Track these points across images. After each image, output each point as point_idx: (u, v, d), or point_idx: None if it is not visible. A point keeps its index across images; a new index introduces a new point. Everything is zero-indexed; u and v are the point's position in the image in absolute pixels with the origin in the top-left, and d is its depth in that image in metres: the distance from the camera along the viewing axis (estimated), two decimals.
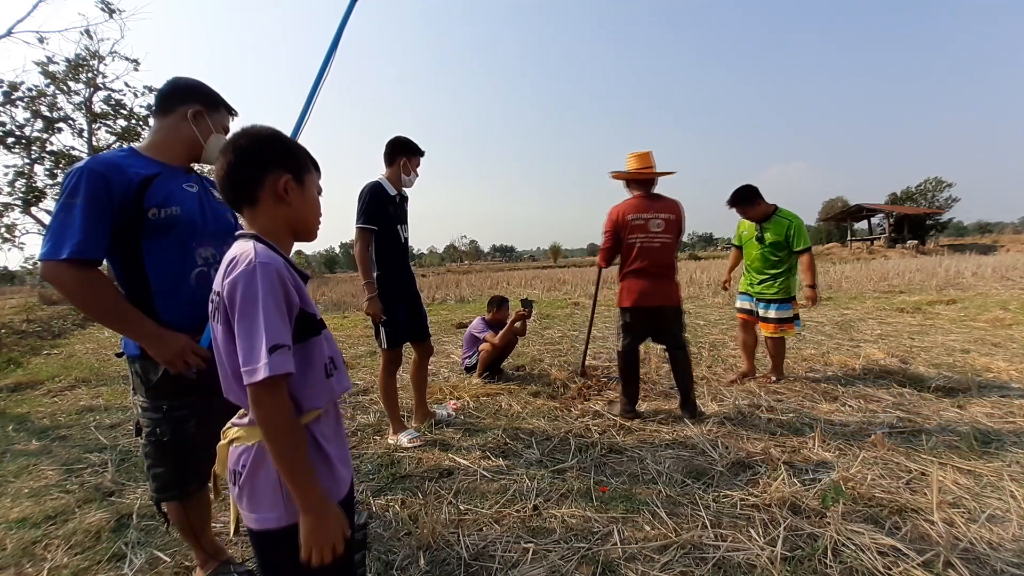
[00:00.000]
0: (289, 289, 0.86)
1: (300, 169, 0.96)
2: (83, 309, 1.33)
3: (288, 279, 0.87)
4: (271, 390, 0.81)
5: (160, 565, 1.78)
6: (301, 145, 1.01)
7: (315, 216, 1.01)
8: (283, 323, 0.83)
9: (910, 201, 46.32)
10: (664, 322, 3.08)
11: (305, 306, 0.91)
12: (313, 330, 0.93)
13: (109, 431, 3.30)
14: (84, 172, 1.28)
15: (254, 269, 0.82)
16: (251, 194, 0.92)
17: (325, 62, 1.78)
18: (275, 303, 0.82)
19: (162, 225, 1.36)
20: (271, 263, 0.84)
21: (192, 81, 1.51)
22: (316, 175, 1.02)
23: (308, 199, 0.98)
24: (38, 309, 12.24)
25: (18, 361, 6.33)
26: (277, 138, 0.96)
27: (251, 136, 0.94)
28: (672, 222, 3.02)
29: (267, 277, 0.82)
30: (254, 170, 0.92)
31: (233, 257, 0.87)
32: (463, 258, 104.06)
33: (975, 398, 3.14)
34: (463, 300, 12.46)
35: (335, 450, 0.97)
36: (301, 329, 0.90)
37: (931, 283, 10.14)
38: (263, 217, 0.94)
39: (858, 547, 1.66)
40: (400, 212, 2.84)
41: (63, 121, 14.09)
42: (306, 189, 0.98)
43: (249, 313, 0.81)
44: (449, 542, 1.81)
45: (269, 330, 0.80)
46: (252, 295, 0.81)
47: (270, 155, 0.93)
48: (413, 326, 2.89)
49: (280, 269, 0.85)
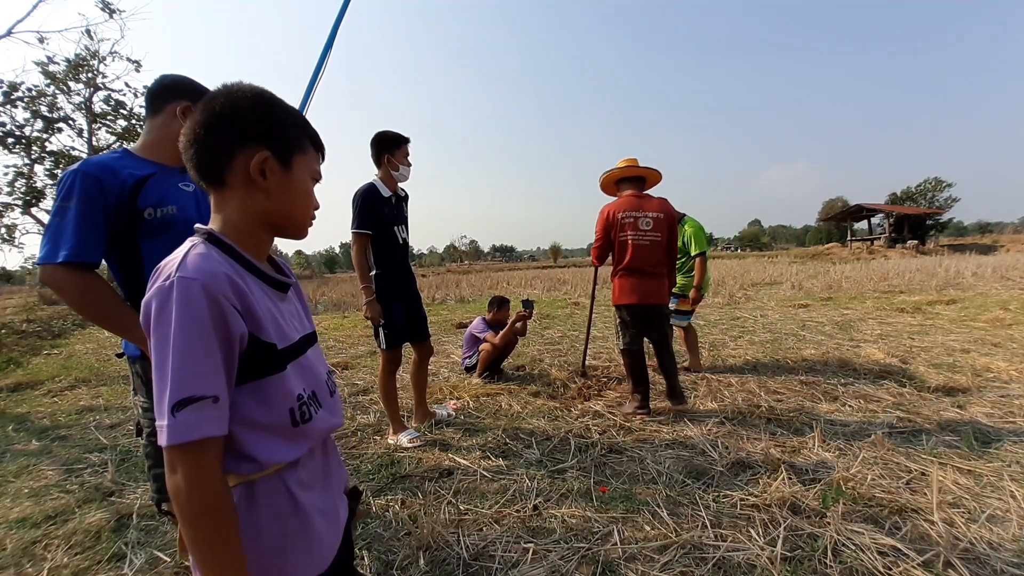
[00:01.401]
0: (227, 313, 0.63)
1: (287, 146, 0.74)
2: (80, 312, 1.32)
3: (226, 298, 0.64)
4: (182, 457, 0.60)
5: (160, 565, 1.78)
6: (296, 114, 0.78)
7: (302, 208, 0.77)
8: (205, 364, 0.61)
9: (910, 201, 46.33)
10: (656, 319, 3.16)
11: (259, 332, 0.68)
12: (271, 366, 0.69)
13: (109, 431, 3.30)
14: (77, 175, 1.28)
15: (170, 287, 0.61)
16: (216, 174, 0.71)
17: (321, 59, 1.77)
18: (194, 336, 0.60)
19: (159, 225, 1.36)
20: (197, 279, 0.62)
21: (179, 77, 1.49)
22: (314, 156, 0.79)
23: (294, 186, 0.75)
24: (38, 309, 12.25)
25: (18, 361, 6.34)
26: (260, 101, 0.72)
27: (228, 96, 0.71)
28: (661, 220, 3.06)
29: (186, 299, 0.61)
30: (223, 142, 0.70)
31: (157, 267, 0.66)
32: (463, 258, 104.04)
33: (975, 398, 3.14)
34: (463, 300, 12.46)
35: (318, 499, 0.76)
36: (251, 365, 0.67)
37: (931, 283, 10.14)
38: (230, 205, 0.73)
39: (858, 547, 1.66)
40: (397, 212, 2.80)
41: (63, 121, 14.09)
42: (293, 173, 0.74)
43: (159, 348, 0.61)
44: (449, 542, 1.81)
45: (177, 377, 0.59)
46: (162, 324, 0.61)
47: (246, 124, 0.71)
48: (412, 327, 2.89)
49: (212, 286, 0.62)
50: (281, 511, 0.71)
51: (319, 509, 0.76)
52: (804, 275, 14.03)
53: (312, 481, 0.76)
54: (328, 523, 0.77)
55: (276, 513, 0.70)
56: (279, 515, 0.71)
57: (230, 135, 0.70)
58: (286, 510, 0.71)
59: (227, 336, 0.64)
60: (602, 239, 3.19)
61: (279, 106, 0.74)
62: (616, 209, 3.09)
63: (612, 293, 3.20)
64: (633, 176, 3.22)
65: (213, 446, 0.62)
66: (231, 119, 0.70)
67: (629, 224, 3.05)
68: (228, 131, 0.70)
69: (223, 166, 0.71)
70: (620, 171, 3.22)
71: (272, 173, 0.72)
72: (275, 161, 0.72)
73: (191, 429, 0.59)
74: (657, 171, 3.23)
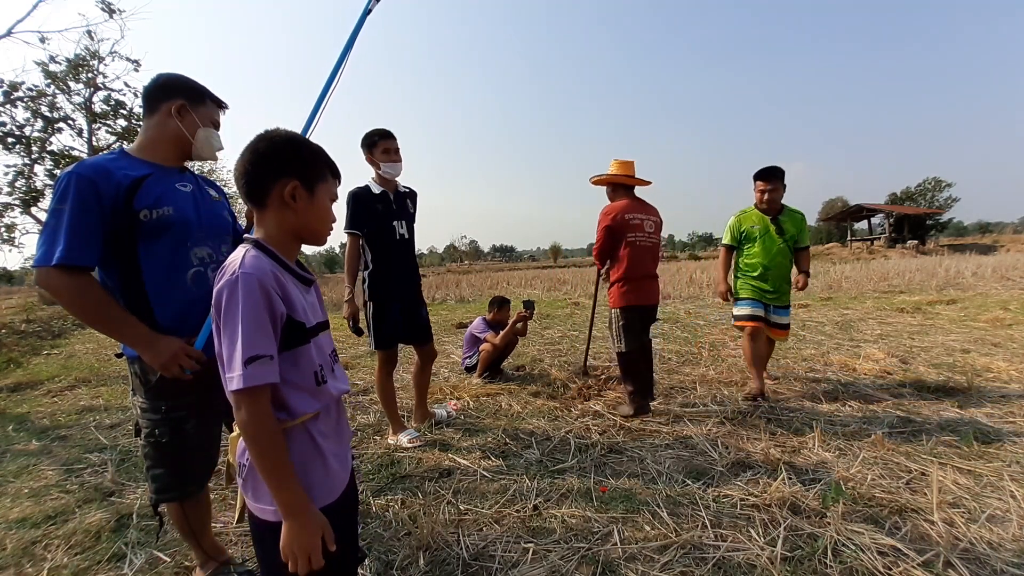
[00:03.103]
0: (273, 299, 0.87)
1: (312, 176, 0.96)
2: (75, 314, 1.32)
3: (273, 288, 0.87)
4: (248, 399, 0.83)
5: (160, 565, 1.78)
6: (321, 152, 1.00)
7: (323, 224, 1.01)
8: (263, 334, 0.84)
9: (910, 201, 46.34)
10: (650, 319, 3.21)
11: (294, 314, 0.91)
12: (300, 339, 0.93)
13: (109, 431, 3.29)
14: (72, 177, 1.27)
15: (236, 279, 0.84)
16: (260, 198, 0.94)
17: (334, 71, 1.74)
18: (254, 314, 0.84)
19: (155, 226, 1.35)
20: (254, 273, 0.85)
21: (174, 76, 1.48)
22: (333, 182, 1.02)
23: (317, 207, 0.97)
24: (38, 309, 12.25)
25: (18, 361, 6.34)
26: (292, 143, 0.96)
27: (268, 140, 0.94)
28: (658, 225, 3.24)
29: (248, 287, 0.84)
30: (264, 175, 0.93)
31: (224, 265, 0.89)
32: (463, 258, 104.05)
33: (975, 398, 3.14)
34: (463, 300, 12.46)
35: (332, 446, 0.99)
36: (288, 337, 0.90)
37: (931, 283, 10.14)
38: (269, 221, 0.95)
39: (858, 547, 1.66)
40: (395, 208, 2.75)
41: (63, 121, 14.11)
42: (316, 197, 0.97)
43: (230, 323, 0.84)
44: (449, 542, 1.81)
45: (246, 341, 0.82)
46: (232, 305, 0.84)
47: (281, 161, 0.94)
48: (409, 327, 2.83)
49: (264, 279, 0.86)
50: (307, 450, 0.94)
51: (333, 453, 0.99)
52: None
53: (328, 432, 0.99)
54: (339, 463, 1.01)
55: (303, 452, 0.93)
56: (305, 453, 0.94)
57: (270, 169, 0.93)
58: (310, 449, 0.95)
59: (273, 314, 0.87)
60: (608, 240, 3.12)
61: (306, 146, 0.98)
62: (624, 210, 3.08)
63: (611, 296, 3.16)
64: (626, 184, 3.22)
65: (265, 392, 0.86)
66: (271, 157, 0.93)
67: (637, 226, 3.08)
68: (268, 166, 0.93)
69: (265, 192, 0.93)
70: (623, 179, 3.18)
71: (300, 198, 0.95)
72: (303, 189, 0.95)
73: (256, 377, 0.82)
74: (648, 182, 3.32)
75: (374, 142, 2.69)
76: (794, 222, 3.39)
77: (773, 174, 3.37)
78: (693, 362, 4.51)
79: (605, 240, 3.13)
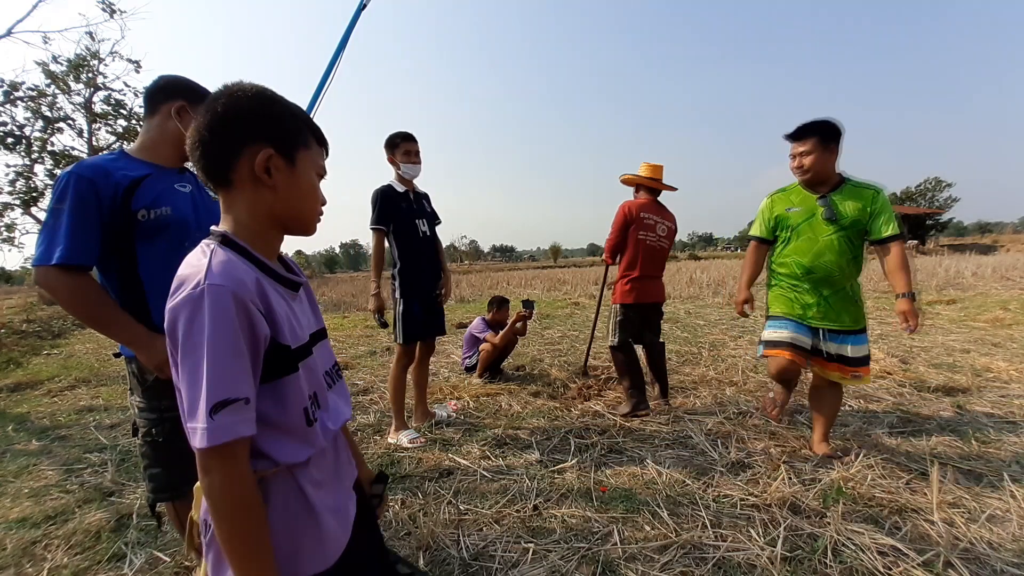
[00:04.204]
0: (254, 317, 0.65)
1: (291, 142, 0.73)
2: (73, 314, 1.32)
3: (253, 303, 0.66)
4: (218, 459, 0.63)
5: (160, 565, 1.78)
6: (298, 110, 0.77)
7: (310, 204, 0.78)
8: (238, 368, 0.63)
9: (910, 201, 46.32)
10: (654, 317, 3.29)
11: (278, 335, 0.70)
12: (285, 367, 0.71)
13: (109, 431, 3.30)
14: (71, 177, 1.28)
15: (200, 295, 0.62)
16: (223, 174, 0.72)
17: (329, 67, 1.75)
18: (227, 341, 0.62)
19: (153, 226, 1.36)
20: (225, 285, 0.63)
21: (175, 77, 1.49)
22: (319, 151, 0.79)
23: (300, 182, 0.75)
24: (38, 309, 12.25)
25: (18, 361, 6.33)
26: (261, 99, 0.72)
27: (229, 96, 0.71)
28: (672, 231, 3.29)
29: (217, 306, 0.62)
30: (227, 143, 0.70)
31: (181, 274, 0.66)
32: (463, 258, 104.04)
33: (975, 398, 3.14)
34: (463, 300, 12.45)
35: (328, 498, 0.78)
36: (269, 366, 0.69)
37: (931, 283, 10.13)
38: (239, 205, 0.73)
39: (858, 547, 1.66)
40: (414, 207, 2.88)
41: (63, 121, 14.10)
42: (298, 169, 0.74)
43: (191, 355, 0.62)
44: (449, 542, 1.81)
45: (213, 381, 0.61)
46: (195, 331, 0.62)
47: (248, 123, 0.71)
48: (430, 323, 2.94)
49: (240, 291, 0.64)
50: (293, 508, 0.73)
51: (329, 507, 0.77)
52: None
53: (323, 478, 0.78)
54: (338, 520, 0.79)
55: (288, 509, 0.72)
56: (291, 511, 0.72)
57: (234, 135, 0.70)
58: (298, 507, 0.73)
59: (253, 339, 0.66)
60: (620, 236, 3.19)
61: (281, 103, 0.74)
62: (639, 208, 3.15)
63: (614, 292, 3.25)
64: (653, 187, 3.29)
65: (244, 446, 0.65)
66: (234, 119, 0.70)
67: (650, 225, 3.15)
68: (232, 131, 0.70)
69: (229, 166, 0.71)
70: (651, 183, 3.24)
71: (277, 170, 0.72)
72: (280, 158, 0.72)
73: (228, 430, 0.61)
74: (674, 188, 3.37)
75: (396, 144, 2.85)
76: (858, 201, 2.16)
77: (810, 131, 2.20)
78: (693, 362, 4.51)
79: (618, 232, 3.19)
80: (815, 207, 2.24)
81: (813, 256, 2.23)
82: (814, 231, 2.23)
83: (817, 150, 2.20)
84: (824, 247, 2.21)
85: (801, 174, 2.27)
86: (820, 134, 2.20)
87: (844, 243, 2.19)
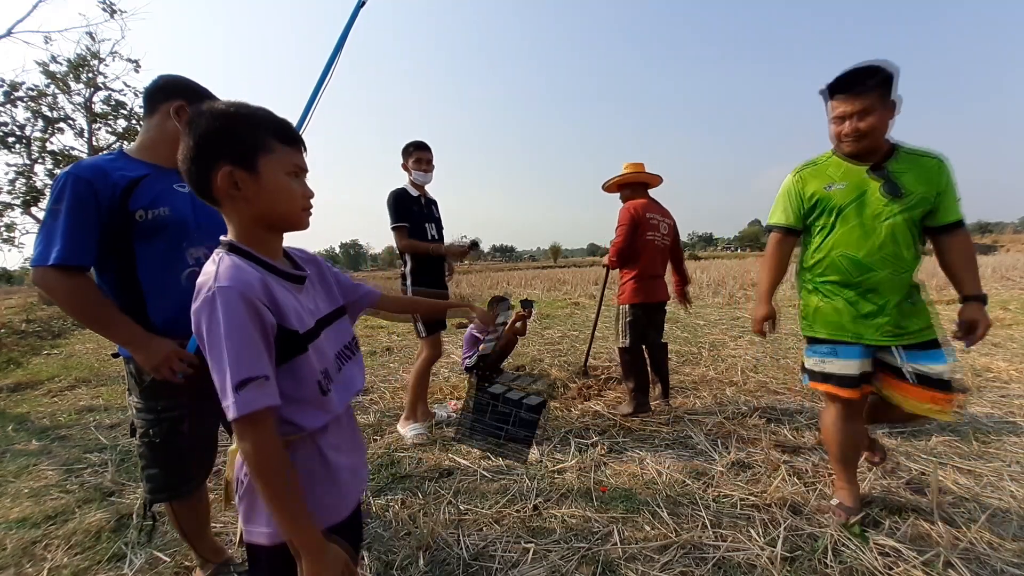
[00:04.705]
0: (261, 311, 0.76)
1: (248, 153, 0.79)
2: (71, 314, 1.33)
3: (259, 299, 0.77)
4: (249, 427, 0.75)
5: (160, 565, 1.78)
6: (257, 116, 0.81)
7: (287, 204, 0.84)
8: (253, 352, 0.75)
9: None
10: (659, 316, 3.27)
11: (284, 322, 0.80)
12: (297, 348, 0.82)
13: (109, 431, 3.29)
14: (69, 178, 1.28)
15: (213, 297, 0.74)
16: (208, 194, 0.81)
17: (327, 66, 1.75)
18: (240, 332, 0.74)
19: (151, 227, 1.36)
20: (232, 286, 0.74)
21: (174, 77, 1.49)
22: (285, 150, 0.82)
23: (268, 187, 0.81)
24: (38, 309, 12.24)
25: (18, 361, 6.33)
26: (217, 120, 0.78)
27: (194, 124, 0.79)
28: (672, 228, 3.28)
29: (228, 304, 0.74)
30: (200, 168, 0.79)
31: (198, 283, 0.78)
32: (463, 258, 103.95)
33: (975, 398, 3.14)
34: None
35: (346, 459, 0.92)
36: (282, 349, 0.81)
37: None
38: (231, 217, 0.83)
39: (858, 547, 1.66)
40: (424, 212, 2.98)
41: (63, 121, 14.10)
42: (262, 176, 0.80)
43: (215, 347, 0.74)
44: (449, 542, 1.81)
45: (234, 365, 0.73)
46: (214, 327, 0.74)
47: (209, 146, 0.78)
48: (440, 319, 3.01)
49: (246, 290, 0.75)
50: (314, 468, 0.87)
51: (347, 467, 0.92)
52: None
53: (340, 443, 0.92)
54: (354, 480, 0.95)
55: (311, 469, 0.86)
56: (313, 471, 0.87)
57: (202, 159, 0.79)
58: (319, 467, 0.87)
59: (263, 327, 0.77)
60: (628, 238, 3.07)
61: (235, 116, 0.80)
62: (643, 209, 3.11)
63: (621, 292, 3.19)
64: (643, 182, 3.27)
65: (270, 415, 0.77)
66: (198, 145, 0.78)
67: (655, 225, 3.13)
68: (199, 156, 0.79)
69: (208, 187, 0.80)
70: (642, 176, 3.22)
71: (243, 182, 0.79)
72: (240, 171, 0.79)
73: (252, 402, 0.73)
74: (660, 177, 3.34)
75: (410, 152, 2.96)
76: (923, 173, 1.66)
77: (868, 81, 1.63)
78: (693, 362, 4.51)
79: (627, 235, 3.07)
80: (866, 182, 1.68)
81: (869, 248, 1.68)
82: (867, 214, 1.68)
83: (878, 108, 1.62)
84: (884, 235, 1.66)
85: (854, 142, 1.68)
86: (882, 85, 1.62)
87: (908, 229, 1.66)
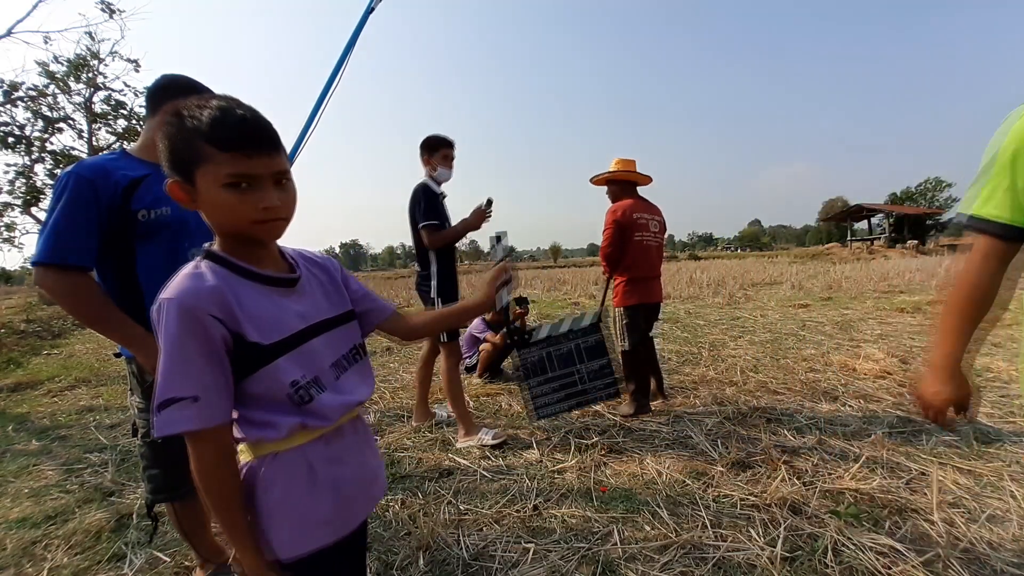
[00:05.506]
0: (207, 324, 0.70)
1: (184, 164, 0.73)
2: (71, 313, 1.33)
3: (206, 310, 0.70)
4: (189, 442, 0.72)
5: (160, 565, 1.78)
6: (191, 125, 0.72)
7: (227, 217, 0.74)
8: (183, 370, 0.69)
9: (910, 201, 46.38)
10: (653, 317, 3.26)
11: (244, 333, 0.74)
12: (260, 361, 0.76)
13: (109, 431, 3.29)
14: (71, 177, 1.28)
15: (159, 309, 0.71)
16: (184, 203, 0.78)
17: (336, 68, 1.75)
18: (173, 348, 0.69)
19: (153, 227, 1.36)
20: (175, 298, 0.70)
21: (176, 76, 1.48)
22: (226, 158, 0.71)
23: (207, 200, 0.73)
24: (38, 309, 12.24)
25: (18, 361, 6.34)
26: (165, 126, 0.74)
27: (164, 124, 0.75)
28: (662, 225, 3.25)
29: (168, 317, 0.69)
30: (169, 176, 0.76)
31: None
32: (463, 258, 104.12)
33: (975, 398, 3.13)
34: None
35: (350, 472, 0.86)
36: (242, 361, 0.75)
37: (931, 283, 10.14)
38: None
39: (858, 547, 1.66)
40: (445, 209, 2.92)
41: (63, 121, 14.10)
42: (199, 188, 0.73)
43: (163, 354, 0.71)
44: (449, 542, 1.81)
45: (162, 382, 0.69)
46: (160, 338, 0.71)
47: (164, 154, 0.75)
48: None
49: (190, 302, 0.70)
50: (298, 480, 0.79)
51: (351, 481, 0.86)
52: (804, 275, 14.03)
53: (344, 455, 0.86)
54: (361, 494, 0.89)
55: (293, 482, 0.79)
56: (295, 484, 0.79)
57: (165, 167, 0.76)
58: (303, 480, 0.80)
59: (208, 341, 0.71)
60: (618, 241, 3.05)
61: (177, 126, 0.73)
62: (631, 209, 3.07)
63: (616, 295, 3.17)
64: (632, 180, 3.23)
65: (209, 436, 0.73)
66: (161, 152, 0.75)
67: (643, 225, 3.09)
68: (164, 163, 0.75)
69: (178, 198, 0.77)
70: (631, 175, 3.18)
71: (189, 194, 0.74)
72: (184, 183, 0.74)
73: (170, 424, 0.70)
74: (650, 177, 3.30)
75: (437, 147, 2.85)
76: None
77: None
78: (693, 362, 4.51)
79: (614, 239, 3.05)
80: None
81: None
82: None
83: None
84: None
85: None
86: None
87: None
